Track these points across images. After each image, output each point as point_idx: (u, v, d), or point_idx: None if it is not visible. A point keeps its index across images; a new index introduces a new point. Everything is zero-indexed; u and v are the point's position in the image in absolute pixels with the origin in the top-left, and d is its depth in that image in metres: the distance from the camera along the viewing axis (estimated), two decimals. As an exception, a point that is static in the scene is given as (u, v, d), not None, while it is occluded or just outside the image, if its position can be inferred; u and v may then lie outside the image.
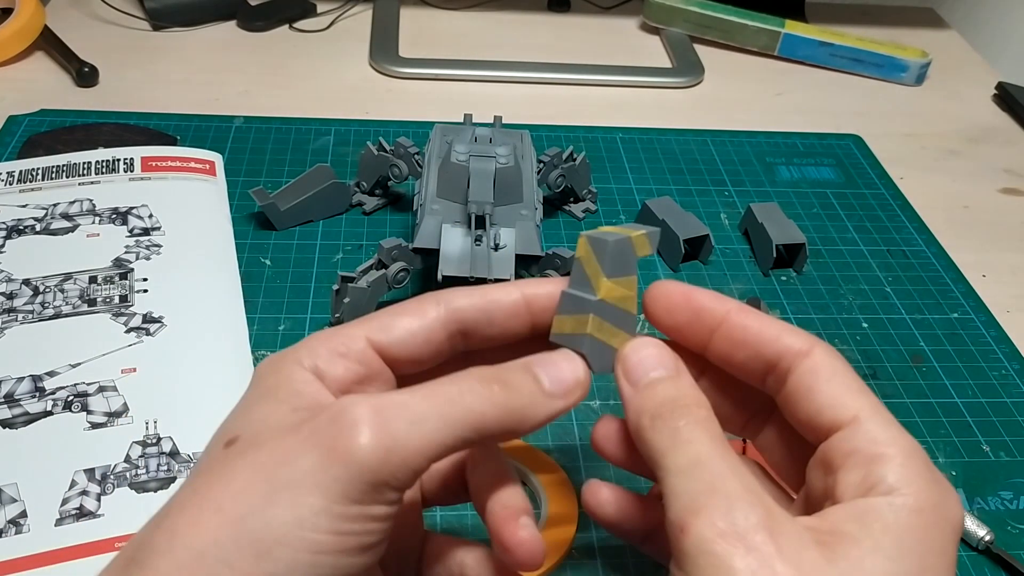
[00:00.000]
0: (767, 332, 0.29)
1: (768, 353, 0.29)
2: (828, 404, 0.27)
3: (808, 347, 0.28)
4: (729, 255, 0.60)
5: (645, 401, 0.28)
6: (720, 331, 0.29)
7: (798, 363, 0.28)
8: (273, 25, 0.82)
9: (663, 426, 0.27)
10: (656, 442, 0.27)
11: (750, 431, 0.32)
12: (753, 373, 0.29)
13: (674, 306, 0.30)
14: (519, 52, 0.81)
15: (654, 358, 0.29)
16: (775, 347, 0.28)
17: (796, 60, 0.85)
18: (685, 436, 0.26)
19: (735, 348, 0.29)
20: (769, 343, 0.29)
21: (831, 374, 0.28)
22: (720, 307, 0.30)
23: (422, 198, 0.52)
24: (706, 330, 0.30)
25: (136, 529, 0.36)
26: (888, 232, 0.64)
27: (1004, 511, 0.45)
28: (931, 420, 0.49)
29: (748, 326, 0.29)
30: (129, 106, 0.68)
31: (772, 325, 0.29)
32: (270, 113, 0.69)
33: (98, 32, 0.78)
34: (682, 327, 0.30)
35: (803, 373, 0.28)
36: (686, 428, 0.27)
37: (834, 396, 0.27)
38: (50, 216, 0.54)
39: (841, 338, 0.54)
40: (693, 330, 0.30)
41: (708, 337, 0.30)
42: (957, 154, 0.74)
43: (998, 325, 0.56)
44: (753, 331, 0.29)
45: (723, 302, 0.30)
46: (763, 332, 0.29)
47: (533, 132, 0.62)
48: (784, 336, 0.28)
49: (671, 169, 0.68)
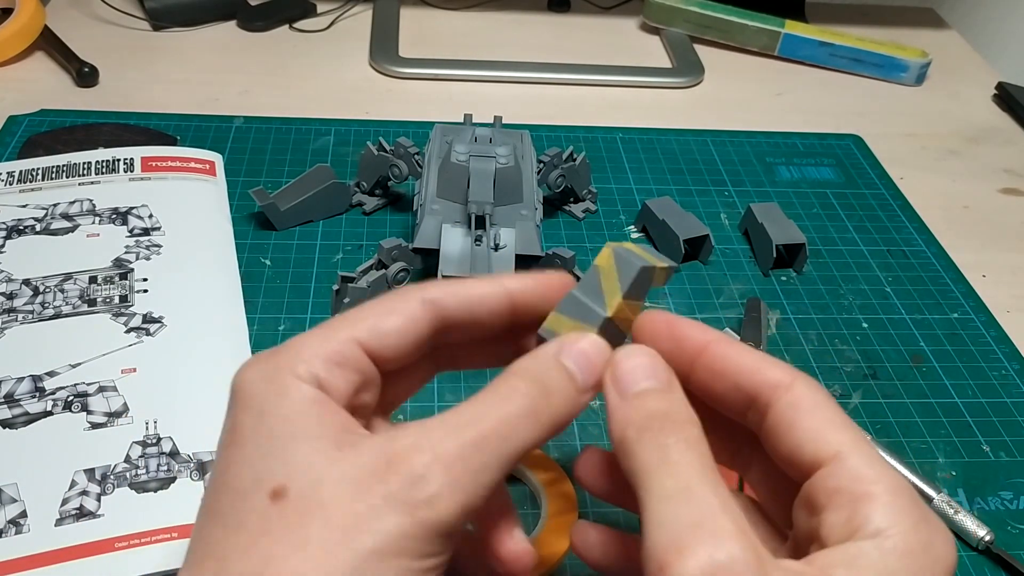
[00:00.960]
0: (747, 363, 0.28)
1: (747, 385, 0.27)
2: (809, 440, 0.26)
3: (789, 380, 0.27)
4: (729, 255, 0.60)
5: (633, 412, 0.26)
6: (700, 361, 0.28)
7: (778, 396, 0.27)
8: (273, 25, 0.82)
9: (651, 441, 0.25)
10: (642, 458, 0.25)
11: (738, 467, 0.31)
12: (733, 406, 0.28)
13: (657, 334, 0.29)
14: (519, 52, 0.81)
15: (647, 367, 0.27)
16: (755, 379, 0.27)
17: (796, 60, 0.85)
18: (674, 456, 0.25)
19: (715, 379, 0.28)
20: (748, 375, 0.27)
21: (812, 408, 0.26)
22: (701, 336, 0.29)
23: (422, 198, 0.52)
24: (687, 359, 0.29)
25: (135, 529, 0.36)
26: (888, 232, 0.64)
27: (1004, 511, 0.45)
28: (931, 420, 0.49)
29: (728, 356, 0.28)
30: (129, 106, 0.68)
31: (752, 356, 0.28)
32: (270, 113, 0.69)
33: (98, 32, 0.78)
34: (666, 355, 0.29)
35: (784, 407, 0.27)
36: (675, 447, 0.25)
37: (815, 431, 0.26)
38: (50, 216, 0.54)
39: (841, 338, 0.54)
40: (675, 359, 0.29)
41: (689, 367, 0.29)
42: (957, 154, 0.74)
43: (998, 325, 0.56)
44: (732, 362, 0.28)
45: (705, 332, 0.29)
46: (743, 363, 0.28)
47: (533, 132, 0.62)
48: (764, 368, 0.27)
49: (671, 169, 0.68)
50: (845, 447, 0.25)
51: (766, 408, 0.27)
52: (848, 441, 0.26)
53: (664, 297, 0.55)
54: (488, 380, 0.28)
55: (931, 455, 0.47)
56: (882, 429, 0.48)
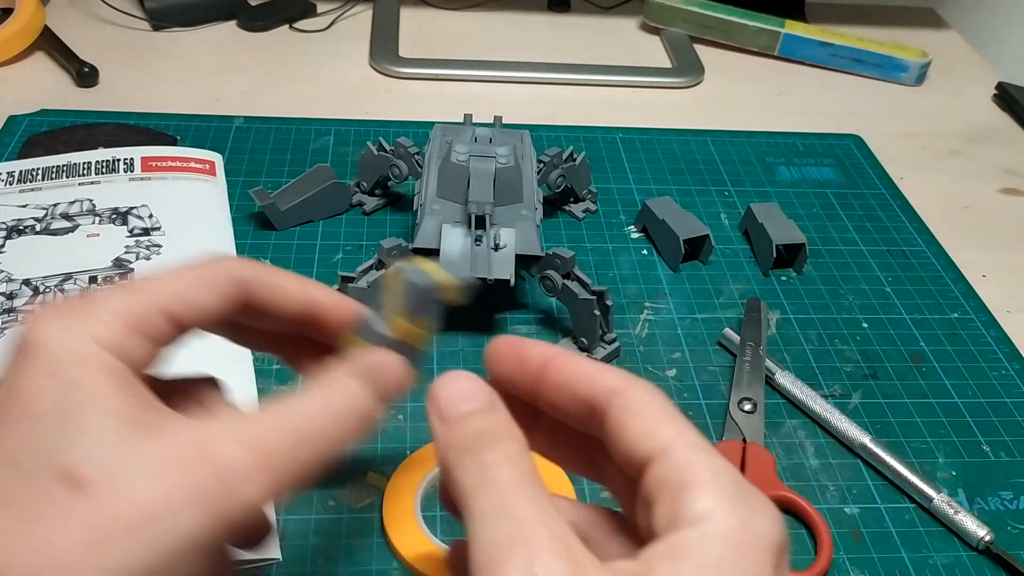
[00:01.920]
0: (584, 373, 0.28)
1: (585, 394, 0.27)
2: (639, 438, 0.26)
3: (624, 385, 0.27)
4: (729, 255, 0.60)
5: (452, 436, 0.26)
6: (543, 377, 0.28)
7: (613, 401, 0.27)
8: (273, 25, 0.82)
9: (470, 462, 0.25)
10: (462, 481, 0.25)
11: (595, 475, 0.30)
12: (578, 417, 0.28)
13: (502, 356, 0.29)
14: (519, 52, 0.81)
15: (466, 392, 0.27)
16: (592, 387, 0.27)
17: (796, 60, 0.85)
18: (492, 474, 0.24)
19: (557, 393, 0.28)
20: (586, 384, 0.27)
21: (642, 408, 0.26)
22: (542, 353, 0.29)
23: (422, 198, 0.52)
24: (531, 378, 0.29)
25: None
26: (888, 232, 0.64)
27: (1004, 511, 0.45)
28: (931, 420, 0.49)
29: (567, 369, 0.28)
30: (129, 106, 0.68)
31: (590, 366, 0.28)
32: (270, 113, 0.69)
33: (98, 32, 0.78)
34: (512, 376, 0.29)
35: (618, 411, 0.26)
36: (493, 464, 0.25)
37: (644, 429, 0.26)
38: (50, 216, 0.54)
39: (841, 338, 0.54)
40: (522, 379, 0.29)
41: (535, 384, 0.29)
42: (957, 154, 0.75)
43: (998, 325, 0.56)
44: (571, 373, 0.28)
45: (547, 349, 0.29)
46: (581, 373, 0.28)
47: (533, 132, 0.62)
48: (600, 376, 0.27)
49: (671, 169, 0.68)
50: (670, 440, 0.25)
51: (604, 414, 0.27)
52: (673, 433, 0.25)
53: (665, 297, 0.55)
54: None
55: (931, 455, 0.47)
56: (882, 429, 0.48)
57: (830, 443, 0.47)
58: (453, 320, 0.52)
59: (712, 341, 0.53)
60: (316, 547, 0.40)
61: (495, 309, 0.53)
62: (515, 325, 0.52)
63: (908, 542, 0.43)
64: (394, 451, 0.44)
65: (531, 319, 0.53)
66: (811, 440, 0.48)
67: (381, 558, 0.40)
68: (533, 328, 0.52)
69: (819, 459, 0.47)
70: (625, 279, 0.57)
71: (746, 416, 0.47)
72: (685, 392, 0.50)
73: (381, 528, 0.41)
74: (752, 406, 0.48)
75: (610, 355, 0.50)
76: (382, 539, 0.41)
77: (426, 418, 0.27)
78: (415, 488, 0.42)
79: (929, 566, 0.42)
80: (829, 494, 0.45)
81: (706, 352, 0.52)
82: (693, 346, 0.52)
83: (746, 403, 0.48)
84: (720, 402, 0.49)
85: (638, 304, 0.55)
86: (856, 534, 0.43)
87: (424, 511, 0.42)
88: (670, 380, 0.50)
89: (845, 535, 0.43)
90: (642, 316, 0.54)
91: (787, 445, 0.47)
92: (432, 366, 0.49)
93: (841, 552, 0.42)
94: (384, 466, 0.43)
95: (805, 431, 0.48)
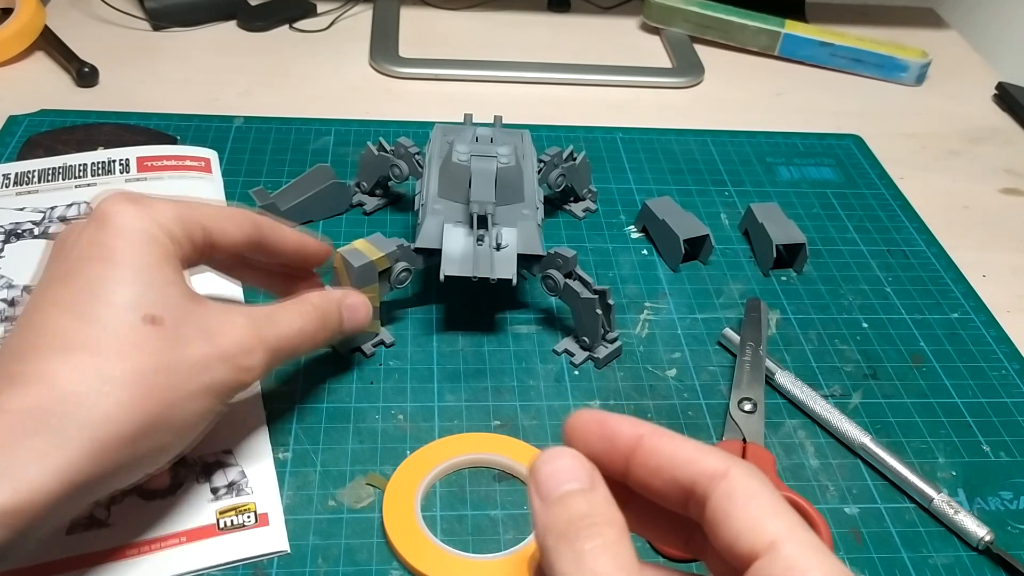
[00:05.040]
0: (681, 455, 0.27)
1: (683, 478, 0.27)
2: (745, 530, 0.25)
3: (724, 468, 0.26)
4: (729, 255, 0.60)
5: (553, 518, 0.25)
6: (635, 457, 0.27)
7: (714, 487, 0.26)
8: (273, 25, 0.82)
9: (567, 549, 0.25)
10: (558, 566, 0.24)
11: (693, 552, 0.30)
12: (674, 500, 0.27)
13: (589, 435, 0.28)
14: (519, 52, 0.81)
15: (567, 470, 0.26)
16: (690, 471, 0.26)
17: (796, 60, 0.85)
18: (588, 563, 0.24)
19: (651, 475, 0.27)
20: (684, 467, 0.27)
21: (747, 497, 0.25)
22: (633, 431, 0.28)
23: (423, 198, 0.52)
24: (621, 457, 0.28)
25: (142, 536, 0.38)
26: (888, 232, 0.64)
27: (1004, 511, 0.45)
28: (931, 420, 0.49)
29: (662, 450, 0.27)
30: (129, 106, 0.68)
31: (686, 447, 0.27)
32: (270, 113, 0.69)
33: (98, 32, 0.78)
34: (599, 456, 0.28)
35: (720, 498, 0.26)
36: (590, 553, 0.24)
37: (751, 521, 0.25)
38: (48, 220, 0.54)
39: (841, 338, 0.54)
40: (610, 459, 0.28)
41: (625, 464, 0.28)
42: (957, 154, 0.75)
43: (998, 325, 0.56)
44: (667, 455, 0.27)
45: (637, 426, 0.28)
46: (677, 455, 0.27)
47: (533, 132, 0.62)
48: (699, 459, 0.26)
49: (671, 169, 0.68)
50: (780, 535, 0.25)
51: (704, 500, 0.26)
52: (783, 529, 0.25)
53: (665, 297, 0.55)
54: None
55: (931, 455, 0.47)
56: (882, 429, 0.48)
57: (830, 443, 0.47)
58: (453, 320, 0.52)
59: (712, 341, 0.53)
60: (316, 547, 0.40)
61: (496, 309, 0.53)
62: (516, 325, 0.52)
63: (908, 542, 0.43)
64: (394, 451, 0.44)
65: (532, 319, 0.53)
66: (811, 440, 0.48)
67: (381, 558, 0.40)
68: (534, 327, 0.52)
69: (819, 459, 0.47)
70: (625, 279, 0.57)
71: (746, 416, 0.47)
72: (685, 392, 0.50)
73: (381, 528, 0.41)
74: (752, 406, 0.48)
75: (612, 353, 0.50)
76: (382, 539, 0.41)
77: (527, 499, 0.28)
78: (415, 488, 0.42)
79: (929, 566, 0.42)
80: (829, 494, 0.45)
81: (706, 352, 0.52)
82: (693, 346, 0.52)
83: (746, 403, 0.48)
84: (720, 402, 0.49)
85: (638, 304, 0.55)
86: (856, 534, 0.43)
87: (424, 511, 0.42)
88: (670, 380, 0.50)
89: (845, 535, 0.43)
90: (642, 316, 0.54)
91: (787, 445, 0.47)
92: (432, 366, 0.49)
93: (841, 552, 0.42)
94: (384, 466, 0.44)
95: (805, 431, 0.48)
